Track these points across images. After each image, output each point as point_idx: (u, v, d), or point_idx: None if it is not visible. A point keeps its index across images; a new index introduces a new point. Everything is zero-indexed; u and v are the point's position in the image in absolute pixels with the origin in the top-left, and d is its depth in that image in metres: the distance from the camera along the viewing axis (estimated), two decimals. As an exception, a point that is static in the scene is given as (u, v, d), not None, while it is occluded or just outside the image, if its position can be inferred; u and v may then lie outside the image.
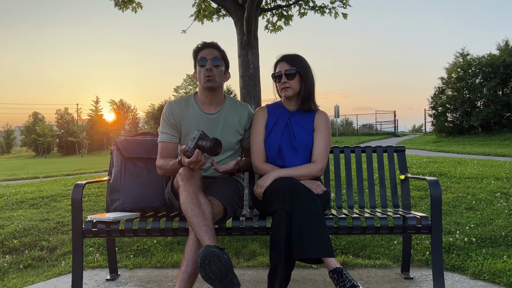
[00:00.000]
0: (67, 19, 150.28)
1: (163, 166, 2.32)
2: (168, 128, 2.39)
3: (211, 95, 2.40)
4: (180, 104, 2.42)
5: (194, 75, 2.46)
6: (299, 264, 2.91)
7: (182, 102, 2.44)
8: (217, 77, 2.36)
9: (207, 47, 2.39)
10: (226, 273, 1.74)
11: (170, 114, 2.39)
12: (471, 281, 2.59)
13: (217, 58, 2.36)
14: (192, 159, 2.03)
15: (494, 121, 18.97)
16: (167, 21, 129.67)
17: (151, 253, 3.26)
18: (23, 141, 62.65)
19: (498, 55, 19.43)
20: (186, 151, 2.04)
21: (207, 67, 2.32)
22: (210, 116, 2.41)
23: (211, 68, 2.33)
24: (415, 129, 46.22)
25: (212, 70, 2.33)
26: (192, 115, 2.39)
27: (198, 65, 2.36)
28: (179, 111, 2.39)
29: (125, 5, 4.57)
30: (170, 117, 2.39)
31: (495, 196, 4.44)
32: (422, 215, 2.24)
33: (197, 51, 2.40)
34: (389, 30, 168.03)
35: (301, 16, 4.84)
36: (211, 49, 2.38)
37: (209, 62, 2.33)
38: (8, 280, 2.82)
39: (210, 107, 2.43)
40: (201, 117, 2.39)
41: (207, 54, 2.36)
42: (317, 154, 2.38)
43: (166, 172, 2.36)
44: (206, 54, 2.36)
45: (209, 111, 2.42)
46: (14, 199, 5.12)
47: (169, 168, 2.28)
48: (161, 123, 2.43)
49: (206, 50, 2.37)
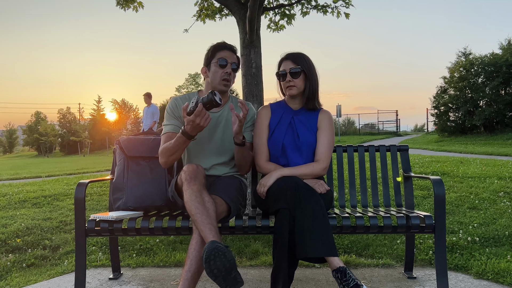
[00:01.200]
0: (69, 18, 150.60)
1: (166, 146, 2.22)
2: (173, 119, 2.38)
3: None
4: (184, 100, 2.43)
5: (203, 70, 2.43)
6: (302, 264, 2.90)
7: (187, 98, 2.44)
8: (231, 81, 2.40)
9: (229, 49, 2.39)
10: (231, 270, 1.74)
11: (174, 107, 2.40)
12: (475, 280, 2.58)
13: (236, 64, 2.39)
14: (198, 109, 2.00)
15: (497, 120, 18.93)
16: (169, 20, 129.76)
17: (154, 252, 3.26)
18: (25, 141, 62.84)
19: (501, 54, 19.38)
20: (189, 111, 2.03)
21: (227, 71, 2.34)
22: (212, 114, 2.41)
23: (230, 72, 2.35)
24: (417, 128, 46.17)
25: (231, 74, 2.36)
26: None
27: (217, 64, 2.35)
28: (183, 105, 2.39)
29: (126, 4, 4.57)
30: (175, 111, 2.39)
31: (498, 195, 4.42)
32: (425, 214, 2.23)
33: (217, 49, 2.38)
34: (391, 30, 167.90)
35: (303, 15, 4.84)
36: (232, 53, 2.40)
37: (229, 66, 2.35)
38: (11, 279, 2.82)
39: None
40: None
41: (229, 57, 2.36)
42: (321, 153, 2.37)
43: (169, 153, 2.22)
44: (227, 56, 2.36)
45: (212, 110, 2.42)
46: (17, 198, 5.13)
47: (172, 145, 2.18)
48: (165, 117, 2.42)
49: (228, 52, 2.38)
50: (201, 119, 2.03)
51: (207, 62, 2.41)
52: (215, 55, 2.37)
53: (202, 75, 2.46)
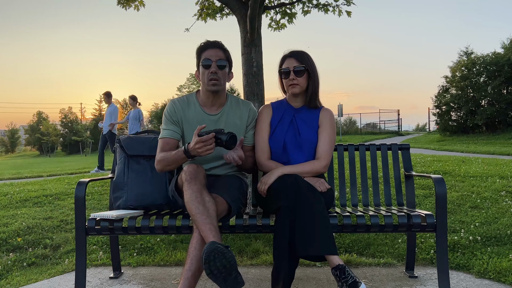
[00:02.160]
0: (70, 19, 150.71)
1: (165, 156, 2.24)
2: (171, 125, 2.37)
3: (213, 96, 2.37)
4: (182, 102, 2.40)
5: (196, 74, 2.42)
6: (303, 262, 2.89)
7: (184, 101, 2.41)
8: (222, 79, 2.32)
9: (212, 47, 2.33)
10: (231, 270, 1.74)
11: (172, 111, 2.38)
12: (476, 279, 2.57)
13: (222, 60, 2.31)
14: (202, 138, 1.99)
15: (499, 120, 18.89)
16: (170, 20, 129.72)
17: (154, 251, 3.25)
18: (27, 140, 62.96)
19: (503, 53, 19.34)
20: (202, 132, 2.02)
21: (212, 70, 2.27)
22: (211, 117, 2.39)
23: (216, 71, 2.28)
24: (419, 128, 46.13)
25: (217, 73, 2.28)
26: (193, 115, 2.37)
27: (202, 66, 2.31)
28: (181, 109, 2.38)
29: (127, 3, 4.57)
30: (173, 115, 2.37)
31: (500, 194, 4.41)
32: (427, 213, 2.22)
33: (201, 50, 2.34)
34: (392, 29, 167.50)
35: (304, 14, 4.82)
36: (216, 49, 2.32)
37: (214, 64, 2.28)
38: (11, 278, 2.82)
39: (212, 108, 2.40)
40: (202, 118, 2.37)
41: (212, 56, 2.30)
42: (322, 151, 2.37)
43: (166, 164, 2.26)
44: (211, 55, 2.30)
45: (211, 112, 2.40)
46: (18, 197, 5.13)
47: (171, 157, 2.21)
48: (163, 120, 2.42)
49: (211, 50, 2.31)
50: (202, 147, 2.02)
51: (197, 65, 2.40)
52: (201, 56, 2.33)
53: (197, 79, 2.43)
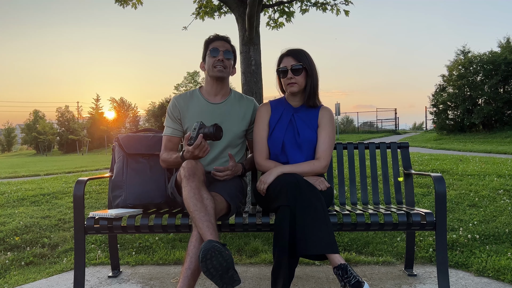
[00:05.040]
0: (67, 17, 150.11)
1: (167, 159, 2.38)
2: (172, 123, 2.45)
3: (217, 84, 2.45)
4: (185, 97, 2.48)
5: (201, 65, 2.51)
6: (302, 261, 2.89)
7: (187, 95, 2.50)
8: (228, 68, 2.43)
9: (220, 39, 2.46)
10: (227, 269, 1.73)
11: (174, 108, 2.45)
12: (475, 278, 2.58)
13: (229, 51, 2.43)
14: (196, 142, 2.05)
15: (495, 118, 18.95)
16: (167, 18, 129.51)
17: (153, 250, 3.24)
18: (23, 139, 62.74)
19: (500, 52, 19.38)
20: (190, 139, 2.08)
21: (219, 58, 2.38)
22: (215, 105, 2.45)
23: (223, 59, 2.39)
24: (416, 127, 46.19)
25: (224, 61, 2.39)
26: (197, 106, 2.44)
27: (210, 55, 2.41)
28: (184, 104, 2.44)
29: (125, 1, 4.55)
30: (174, 111, 2.44)
31: (498, 193, 4.42)
32: (426, 212, 2.22)
33: (210, 42, 2.45)
34: (390, 28, 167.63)
35: (302, 12, 4.82)
36: (224, 42, 2.45)
37: (221, 53, 2.40)
38: (9, 277, 2.81)
39: (216, 97, 2.48)
40: (206, 107, 2.44)
41: (220, 46, 2.41)
42: (321, 151, 2.35)
43: (169, 165, 2.41)
44: (219, 45, 2.41)
45: (215, 101, 2.47)
46: (15, 196, 5.11)
47: (172, 161, 2.35)
48: (166, 117, 2.50)
49: (219, 42, 2.44)
50: (199, 151, 2.10)
51: (203, 57, 2.49)
52: (208, 47, 2.44)
53: (201, 70, 2.52)
